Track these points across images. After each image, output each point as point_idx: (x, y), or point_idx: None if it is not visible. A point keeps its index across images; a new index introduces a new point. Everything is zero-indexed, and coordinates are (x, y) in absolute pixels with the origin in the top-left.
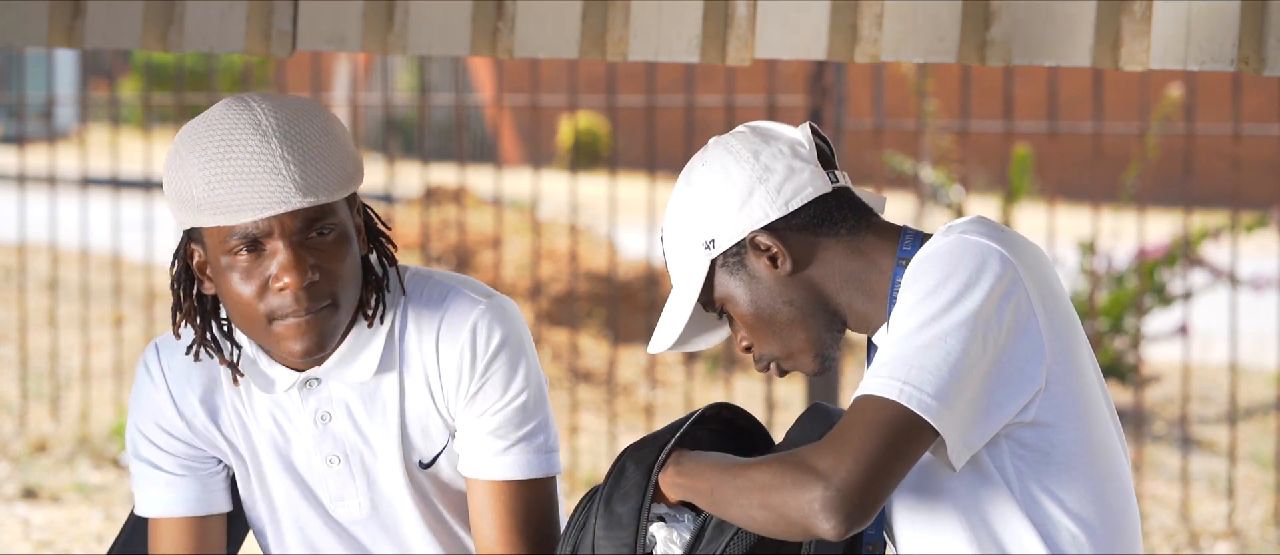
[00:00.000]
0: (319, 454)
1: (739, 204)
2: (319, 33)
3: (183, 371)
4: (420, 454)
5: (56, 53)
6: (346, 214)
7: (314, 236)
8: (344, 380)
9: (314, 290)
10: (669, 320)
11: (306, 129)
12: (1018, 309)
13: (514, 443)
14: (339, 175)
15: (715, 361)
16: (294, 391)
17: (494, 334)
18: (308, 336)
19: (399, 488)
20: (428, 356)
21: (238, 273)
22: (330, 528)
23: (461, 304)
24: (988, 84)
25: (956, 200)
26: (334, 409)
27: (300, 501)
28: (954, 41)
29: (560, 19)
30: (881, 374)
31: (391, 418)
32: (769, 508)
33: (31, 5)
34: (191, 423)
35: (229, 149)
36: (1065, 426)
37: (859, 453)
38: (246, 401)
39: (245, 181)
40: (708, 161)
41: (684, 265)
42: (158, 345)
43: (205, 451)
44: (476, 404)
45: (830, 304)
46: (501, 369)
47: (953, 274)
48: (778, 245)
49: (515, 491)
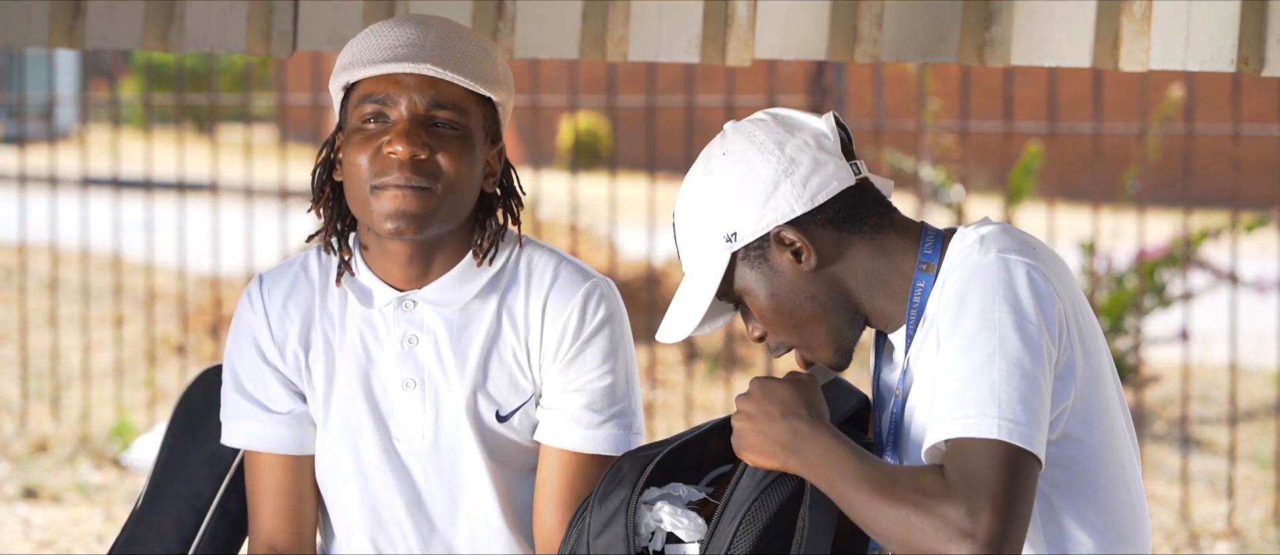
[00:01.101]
0: (397, 377)
1: (764, 197)
2: (319, 33)
3: (281, 302)
4: (499, 405)
5: (57, 53)
6: (477, 126)
7: (437, 125)
8: (439, 306)
9: (419, 165)
10: (684, 312)
11: (462, 31)
12: (1059, 327)
13: (606, 419)
14: (475, 68)
15: (715, 361)
16: (389, 309)
17: (602, 308)
18: (401, 205)
19: (464, 427)
20: (533, 313)
21: (360, 138)
22: (388, 459)
23: (576, 274)
24: (988, 84)
25: (956, 200)
26: (422, 334)
27: (367, 425)
28: (954, 41)
29: (560, 19)
30: (970, 413)
31: (474, 358)
32: (909, 547)
33: (32, 5)
34: (284, 351)
35: (389, 24)
36: (1087, 439)
37: (999, 503)
38: (338, 325)
39: (386, 40)
40: (729, 150)
41: (701, 256)
42: (262, 277)
43: (295, 385)
44: (572, 371)
45: (852, 300)
46: (602, 343)
47: (1006, 297)
48: (803, 240)
49: (590, 464)
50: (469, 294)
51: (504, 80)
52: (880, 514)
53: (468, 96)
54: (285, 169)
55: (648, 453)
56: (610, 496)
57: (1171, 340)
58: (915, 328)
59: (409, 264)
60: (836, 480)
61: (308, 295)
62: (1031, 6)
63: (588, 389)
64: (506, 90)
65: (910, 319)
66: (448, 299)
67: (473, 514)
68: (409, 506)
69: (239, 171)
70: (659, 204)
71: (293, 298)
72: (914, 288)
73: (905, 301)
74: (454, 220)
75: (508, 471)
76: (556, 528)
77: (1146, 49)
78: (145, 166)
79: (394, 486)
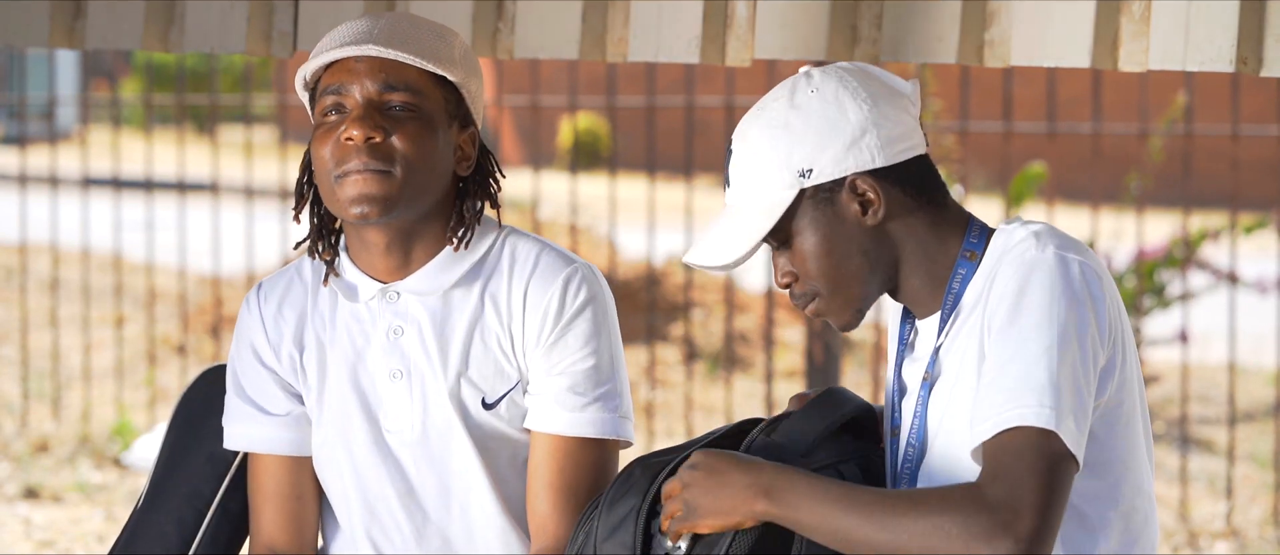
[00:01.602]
0: (384, 368)
1: (850, 142)
2: (319, 33)
3: (276, 306)
4: (485, 393)
5: (58, 53)
6: (438, 109)
7: (392, 108)
8: (422, 296)
9: (376, 149)
10: (732, 240)
11: (416, 19)
12: (1110, 327)
13: (590, 401)
14: (425, 47)
15: (715, 361)
16: (374, 302)
17: (583, 291)
18: (362, 189)
19: (451, 416)
20: (515, 299)
21: (323, 132)
22: (379, 451)
23: (557, 259)
24: (988, 84)
25: (956, 200)
26: (407, 324)
27: (358, 418)
28: (954, 42)
29: (560, 19)
30: (1029, 402)
31: (458, 345)
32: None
33: (33, 5)
34: (280, 353)
35: (345, 23)
36: (1110, 441)
37: (1040, 501)
38: (329, 323)
39: (337, 35)
40: (820, 89)
41: (765, 187)
42: (260, 284)
43: (292, 386)
44: (554, 355)
45: (895, 266)
46: (584, 326)
47: (1065, 293)
48: (877, 192)
49: (579, 449)
50: (450, 281)
51: (461, 62)
52: (899, 527)
53: (422, 77)
54: (285, 169)
55: (661, 459)
56: (619, 502)
57: (1171, 341)
58: (948, 316)
59: (388, 254)
60: (832, 513)
61: (301, 297)
62: (1031, 7)
63: (570, 372)
64: (466, 71)
65: (946, 304)
66: (430, 288)
67: (466, 504)
68: (402, 497)
69: (239, 172)
70: (659, 204)
71: (287, 300)
72: (955, 273)
73: (943, 284)
74: (421, 202)
75: (499, 461)
76: (548, 513)
77: (1145, 49)
78: (146, 166)
79: (386, 478)
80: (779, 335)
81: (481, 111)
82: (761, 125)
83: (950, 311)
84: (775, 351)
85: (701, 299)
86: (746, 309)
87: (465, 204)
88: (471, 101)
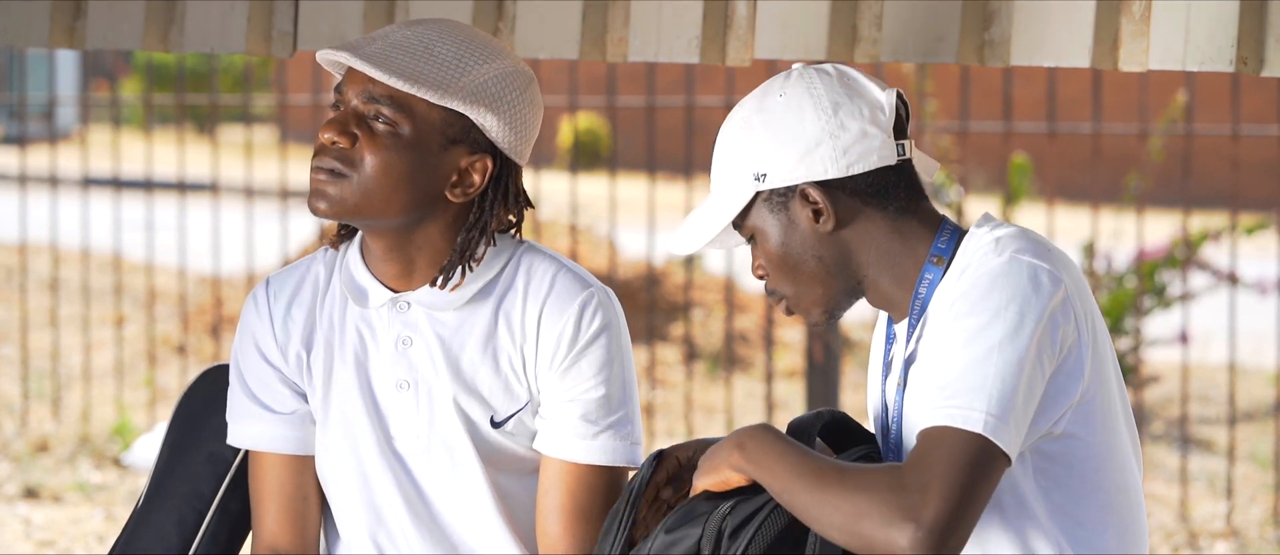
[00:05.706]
0: (391, 377)
1: (802, 151)
2: (319, 33)
3: (286, 304)
4: (494, 411)
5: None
6: (429, 131)
7: (372, 118)
8: (432, 309)
9: (340, 152)
10: (696, 229)
11: (454, 37)
12: (1068, 329)
13: (603, 430)
14: (418, 70)
15: (715, 361)
16: (384, 309)
17: (598, 318)
18: (316, 186)
19: (457, 431)
20: (529, 321)
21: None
22: (386, 458)
23: (574, 282)
24: (988, 84)
25: (956, 200)
26: (416, 335)
27: (365, 424)
28: (954, 42)
29: (560, 19)
30: (959, 403)
31: (467, 362)
32: (853, 534)
33: (33, 6)
34: (287, 352)
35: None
36: (1089, 438)
37: (950, 491)
38: (338, 324)
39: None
40: (787, 93)
41: (728, 183)
42: (269, 280)
43: (298, 385)
44: (567, 381)
45: (857, 272)
46: (598, 353)
47: (1015, 297)
48: (826, 203)
49: (590, 474)
50: (462, 298)
51: (477, 92)
52: (826, 501)
53: (416, 99)
54: (286, 169)
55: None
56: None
57: (1171, 341)
58: (917, 321)
59: (388, 260)
60: (785, 475)
61: (311, 296)
62: (1031, 7)
63: (583, 399)
64: (480, 102)
65: (914, 309)
66: (440, 302)
67: (472, 515)
68: (409, 504)
69: (239, 172)
70: (659, 204)
71: (297, 299)
72: (922, 278)
73: (912, 290)
74: (377, 214)
75: (506, 476)
76: (559, 535)
77: (1145, 49)
78: (146, 166)
79: (393, 485)
80: (779, 335)
81: (515, 144)
82: (733, 122)
83: (919, 316)
84: (775, 351)
85: (701, 299)
86: (746, 309)
87: (473, 231)
88: (493, 131)
